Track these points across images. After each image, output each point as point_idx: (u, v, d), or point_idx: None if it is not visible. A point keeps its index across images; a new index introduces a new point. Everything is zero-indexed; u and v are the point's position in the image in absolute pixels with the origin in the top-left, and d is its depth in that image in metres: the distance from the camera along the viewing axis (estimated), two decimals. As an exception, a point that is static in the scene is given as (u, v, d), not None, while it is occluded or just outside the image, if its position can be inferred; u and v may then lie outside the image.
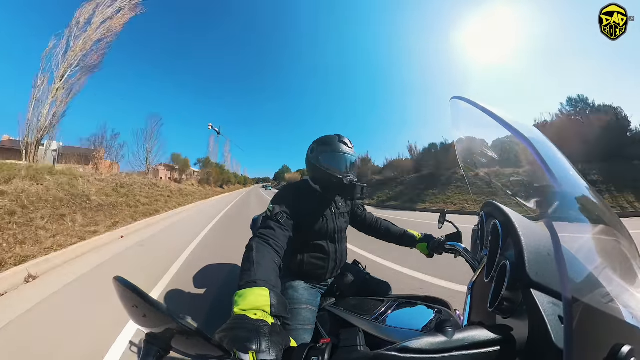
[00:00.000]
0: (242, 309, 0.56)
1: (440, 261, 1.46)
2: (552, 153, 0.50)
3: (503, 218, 0.67)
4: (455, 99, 0.74)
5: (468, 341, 0.47)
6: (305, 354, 0.49)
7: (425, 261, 1.42)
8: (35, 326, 2.05)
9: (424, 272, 3.12)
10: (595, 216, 0.44)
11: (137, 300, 0.40)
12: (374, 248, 3.98)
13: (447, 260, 1.44)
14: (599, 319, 0.33)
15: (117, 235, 5.30)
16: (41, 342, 1.83)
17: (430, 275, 3.02)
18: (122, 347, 1.77)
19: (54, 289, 2.74)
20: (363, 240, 1.85)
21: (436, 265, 2.83)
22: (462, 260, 1.07)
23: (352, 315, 0.92)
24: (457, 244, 1.15)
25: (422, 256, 1.35)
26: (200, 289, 2.79)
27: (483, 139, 0.78)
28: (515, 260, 0.52)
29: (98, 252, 4.28)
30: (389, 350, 0.46)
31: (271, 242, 0.90)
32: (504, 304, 0.51)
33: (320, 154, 1.17)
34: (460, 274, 2.60)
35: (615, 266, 0.40)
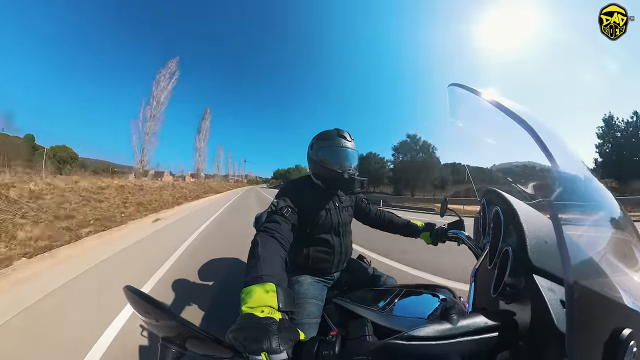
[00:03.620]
0: (250, 307, 0.56)
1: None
2: (551, 138, 0.49)
3: (504, 205, 0.67)
4: (452, 86, 0.73)
5: (473, 327, 0.48)
6: (316, 348, 0.51)
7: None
8: (176, 223, 7.24)
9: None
10: (596, 200, 0.44)
11: (147, 307, 0.41)
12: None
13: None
14: (600, 303, 0.34)
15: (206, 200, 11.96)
16: (179, 227, 6.60)
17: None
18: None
19: (171, 221, 7.61)
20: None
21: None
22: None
23: (359, 307, 0.93)
24: (460, 232, 1.16)
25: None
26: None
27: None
28: (517, 246, 0.52)
29: (189, 209, 11.05)
30: (397, 339, 0.47)
31: (276, 236, 0.91)
32: (507, 289, 0.51)
33: (319, 149, 1.17)
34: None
35: (616, 251, 0.40)
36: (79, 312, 2.25)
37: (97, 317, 2.06)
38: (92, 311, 2.23)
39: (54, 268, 3.29)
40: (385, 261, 3.71)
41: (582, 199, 0.43)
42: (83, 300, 2.47)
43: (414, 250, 3.85)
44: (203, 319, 2.13)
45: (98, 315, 2.10)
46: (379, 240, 4.06)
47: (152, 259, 3.69)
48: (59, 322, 2.06)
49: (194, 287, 2.78)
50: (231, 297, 2.37)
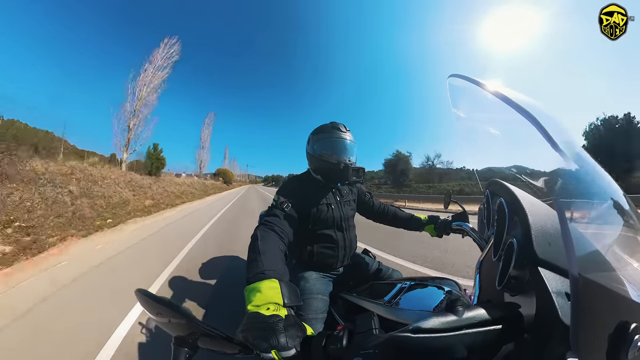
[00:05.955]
0: (255, 306, 0.56)
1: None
2: (557, 128, 0.48)
3: (508, 196, 0.66)
4: (453, 77, 0.72)
5: (478, 319, 0.48)
6: (324, 342, 0.52)
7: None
8: (220, 200, 16.51)
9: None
10: (602, 192, 0.43)
11: (160, 307, 0.42)
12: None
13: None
14: (606, 296, 0.33)
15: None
16: (221, 201, 15.47)
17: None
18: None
19: (218, 197, 18.86)
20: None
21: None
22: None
23: (365, 301, 0.94)
24: (464, 224, 1.15)
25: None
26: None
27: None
28: (522, 238, 0.52)
29: (222, 195, 21.75)
30: (403, 332, 0.48)
31: (276, 229, 0.91)
32: (511, 282, 0.51)
33: (315, 143, 1.17)
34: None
35: (623, 244, 0.39)
36: (189, 225, 6.70)
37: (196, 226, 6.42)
38: (196, 224, 6.79)
39: (173, 211, 9.59)
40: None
41: (588, 190, 0.42)
42: (198, 217, 8.28)
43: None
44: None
45: (196, 225, 6.63)
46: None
47: (218, 207, 11.48)
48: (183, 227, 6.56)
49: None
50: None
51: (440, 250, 3.77)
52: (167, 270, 3.20)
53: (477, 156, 0.85)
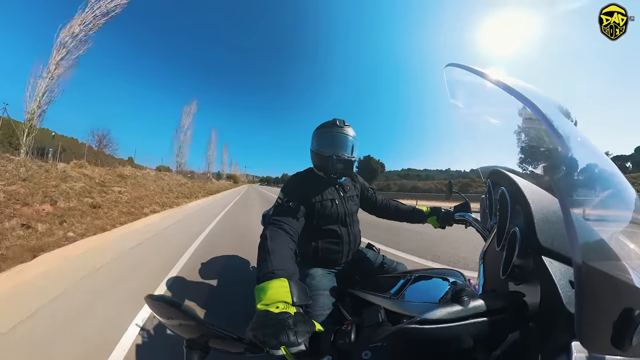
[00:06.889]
0: (265, 304, 0.58)
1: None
2: (557, 115, 0.47)
3: (510, 185, 0.65)
4: (450, 66, 0.70)
5: (483, 309, 0.48)
6: (332, 337, 0.52)
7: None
8: (231, 193, 26.06)
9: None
10: (604, 179, 0.43)
11: (170, 311, 0.43)
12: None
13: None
14: (610, 283, 0.33)
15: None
16: (233, 194, 24.74)
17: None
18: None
19: (229, 192, 28.00)
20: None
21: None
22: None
23: (371, 295, 0.95)
24: (466, 214, 1.15)
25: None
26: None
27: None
28: (525, 227, 0.51)
29: (231, 192, 29.42)
30: (410, 324, 0.48)
31: (285, 227, 0.92)
32: (515, 271, 0.51)
33: (315, 139, 1.19)
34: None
35: (627, 231, 0.39)
36: (214, 207, 11.27)
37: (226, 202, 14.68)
38: (218, 206, 11.73)
39: (197, 202, 13.45)
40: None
41: (591, 178, 0.42)
42: (218, 202, 14.24)
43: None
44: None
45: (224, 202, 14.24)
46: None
47: (233, 195, 22.85)
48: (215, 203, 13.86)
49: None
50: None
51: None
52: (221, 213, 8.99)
53: (477, 147, 0.84)
